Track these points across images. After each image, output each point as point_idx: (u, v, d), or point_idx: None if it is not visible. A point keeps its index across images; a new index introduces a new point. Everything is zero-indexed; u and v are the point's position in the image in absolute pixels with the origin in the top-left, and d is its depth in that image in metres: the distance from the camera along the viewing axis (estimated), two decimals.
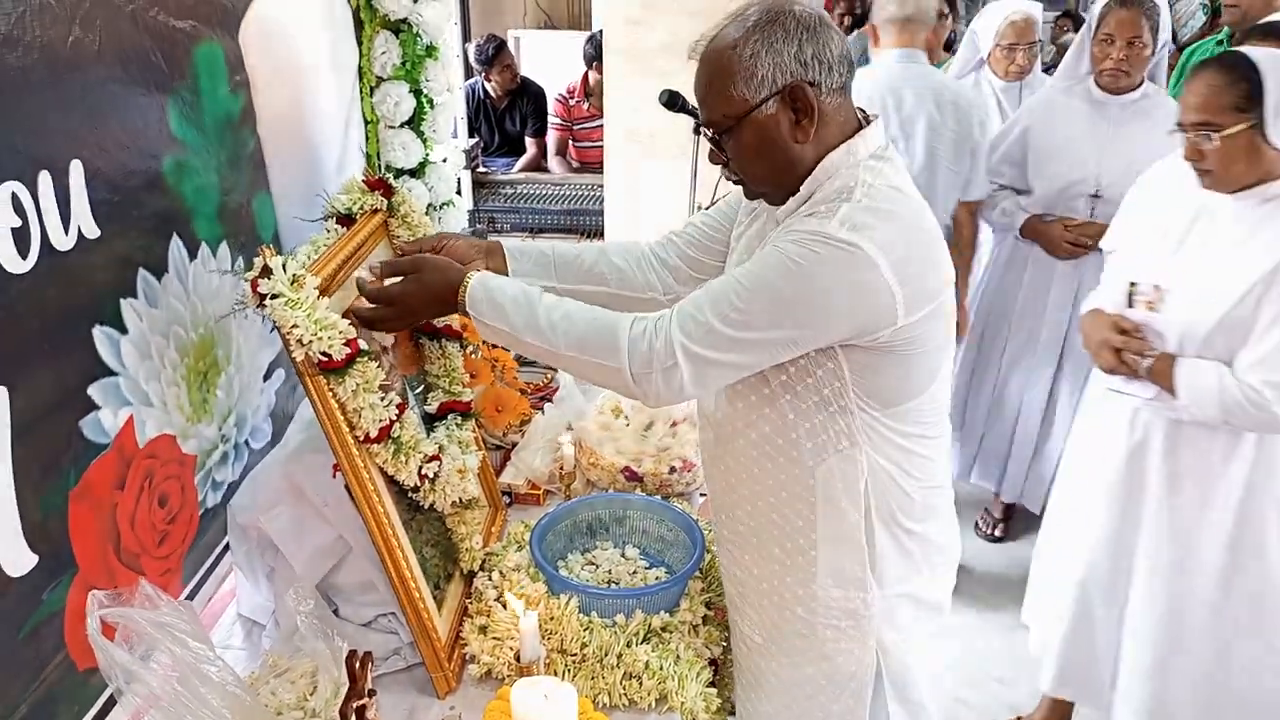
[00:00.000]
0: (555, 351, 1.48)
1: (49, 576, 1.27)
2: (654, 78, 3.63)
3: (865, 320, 1.39)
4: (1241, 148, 1.96)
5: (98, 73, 1.33)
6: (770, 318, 1.39)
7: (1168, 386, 2.08)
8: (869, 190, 1.40)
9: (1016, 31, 3.46)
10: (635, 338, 1.43)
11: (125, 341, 1.41)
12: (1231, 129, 1.95)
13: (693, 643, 1.72)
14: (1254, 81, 1.93)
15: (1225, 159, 1.99)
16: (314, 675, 1.55)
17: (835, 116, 1.46)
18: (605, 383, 1.51)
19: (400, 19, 2.40)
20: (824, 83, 1.42)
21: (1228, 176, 2.01)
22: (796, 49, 1.41)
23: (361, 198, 1.81)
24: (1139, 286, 2.15)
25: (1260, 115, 1.93)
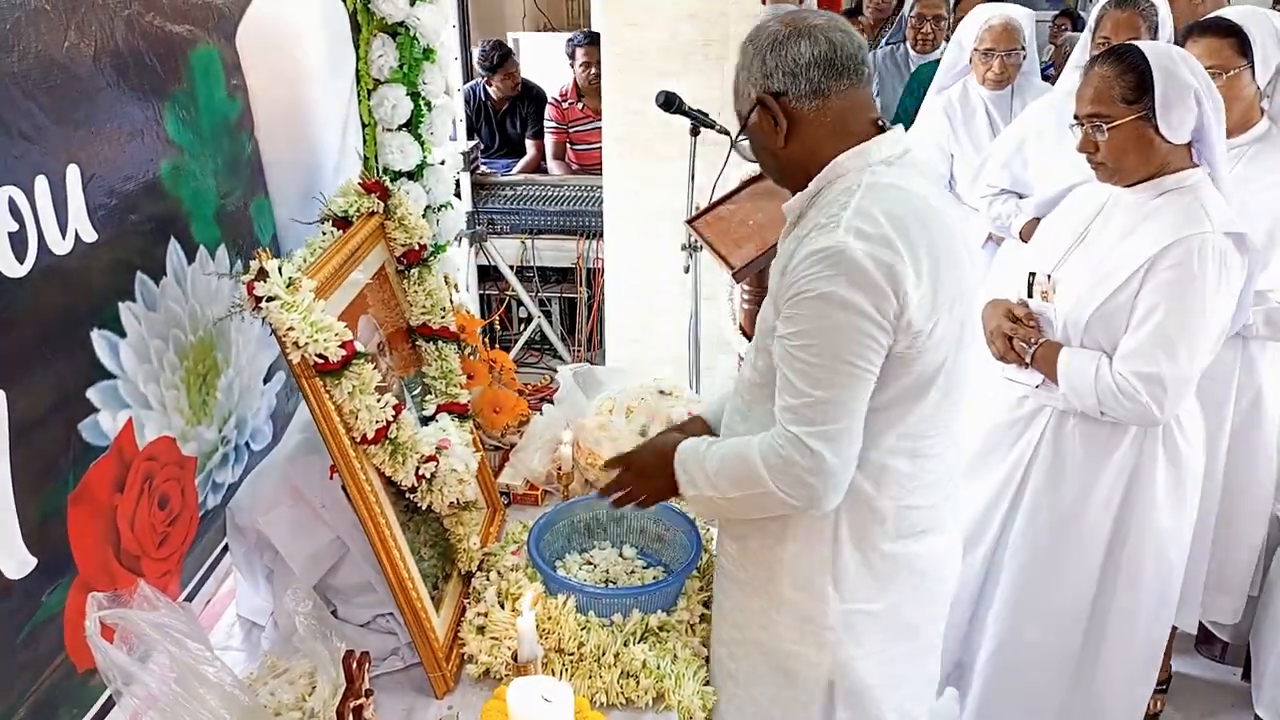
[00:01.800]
0: (731, 501, 1.56)
1: (48, 579, 1.27)
2: (652, 79, 3.65)
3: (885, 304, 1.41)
4: (1131, 139, 1.96)
5: (94, 78, 1.33)
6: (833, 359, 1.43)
7: (1050, 374, 2.09)
8: (868, 190, 1.45)
9: (993, 37, 3.32)
10: (765, 454, 1.48)
11: (124, 345, 1.41)
12: (1120, 120, 1.95)
13: (690, 642, 1.72)
14: (1142, 72, 1.92)
15: (1116, 151, 1.98)
16: (312, 676, 1.56)
17: (820, 119, 1.50)
18: (778, 509, 1.52)
19: (397, 22, 2.40)
20: (791, 90, 1.49)
21: (1120, 168, 2.01)
22: (761, 64, 1.50)
23: (358, 200, 1.83)
24: (1037, 276, 2.17)
25: (1150, 106, 1.92)
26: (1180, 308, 1.91)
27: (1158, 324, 1.93)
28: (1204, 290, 1.90)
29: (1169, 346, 1.92)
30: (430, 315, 1.94)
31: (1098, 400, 2.00)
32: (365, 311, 1.76)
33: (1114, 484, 2.14)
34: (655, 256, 3.97)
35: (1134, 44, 1.99)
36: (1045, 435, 2.20)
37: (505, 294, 4.74)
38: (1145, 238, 1.96)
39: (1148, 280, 1.94)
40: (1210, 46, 2.34)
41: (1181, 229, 1.91)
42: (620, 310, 4.13)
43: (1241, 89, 2.36)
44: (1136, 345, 1.95)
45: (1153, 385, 1.93)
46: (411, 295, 1.93)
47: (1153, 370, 1.93)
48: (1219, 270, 1.90)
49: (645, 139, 3.80)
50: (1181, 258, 1.90)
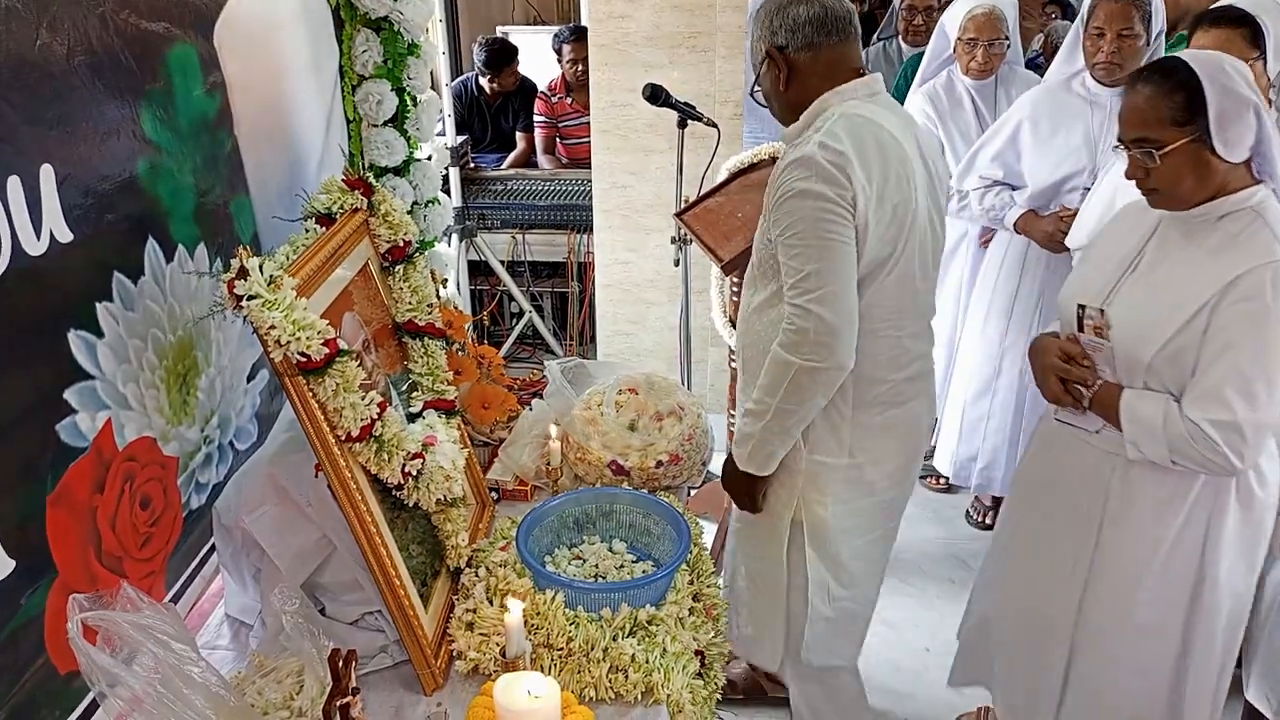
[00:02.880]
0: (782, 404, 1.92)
1: (27, 581, 1.27)
2: (639, 71, 3.65)
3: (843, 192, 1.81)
4: (1186, 163, 1.77)
5: (67, 77, 1.33)
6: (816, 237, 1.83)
7: (1113, 420, 1.88)
8: (839, 119, 1.85)
9: (976, 26, 3.30)
10: (782, 340, 1.89)
11: (101, 345, 1.41)
12: (1172, 144, 1.75)
13: (679, 635, 1.72)
14: (1193, 90, 1.73)
15: (1170, 177, 1.79)
16: (300, 674, 1.56)
17: (813, 68, 1.92)
18: (814, 389, 1.90)
19: (381, 17, 2.40)
20: (790, 44, 1.91)
21: (1176, 195, 1.82)
22: (769, 23, 1.94)
23: (341, 197, 1.81)
24: (1088, 310, 1.94)
25: (1204, 126, 1.73)
26: (1255, 345, 1.73)
27: (1231, 364, 1.74)
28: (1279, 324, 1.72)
29: (1246, 389, 1.73)
30: (416, 311, 1.93)
31: (1169, 449, 1.80)
32: (350, 309, 1.75)
33: (1190, 536, 1.92)
34: (645, 250, 3.98)
35: (1179, 57, 1.78)
36: (1113, 487, 1.97)
37: (496, 289, 4.73)
38: (1209, 268, 1.77)
39: (1216, 316, 1.75)
40: (1222, 37, 2.26)
41: (1251, 258, 1.73)
42: (611, 304, 4.13)
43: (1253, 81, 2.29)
44: (1209, 389, 1.76)
45: (1230, 433, 1.74)
46: (397, 292, 1.92)
47: (1229, 418, 1.73)
48: None
49: (633, 132, 3.80)
50: (1253, 289, 1.72)
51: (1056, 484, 2.08)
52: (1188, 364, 1.78)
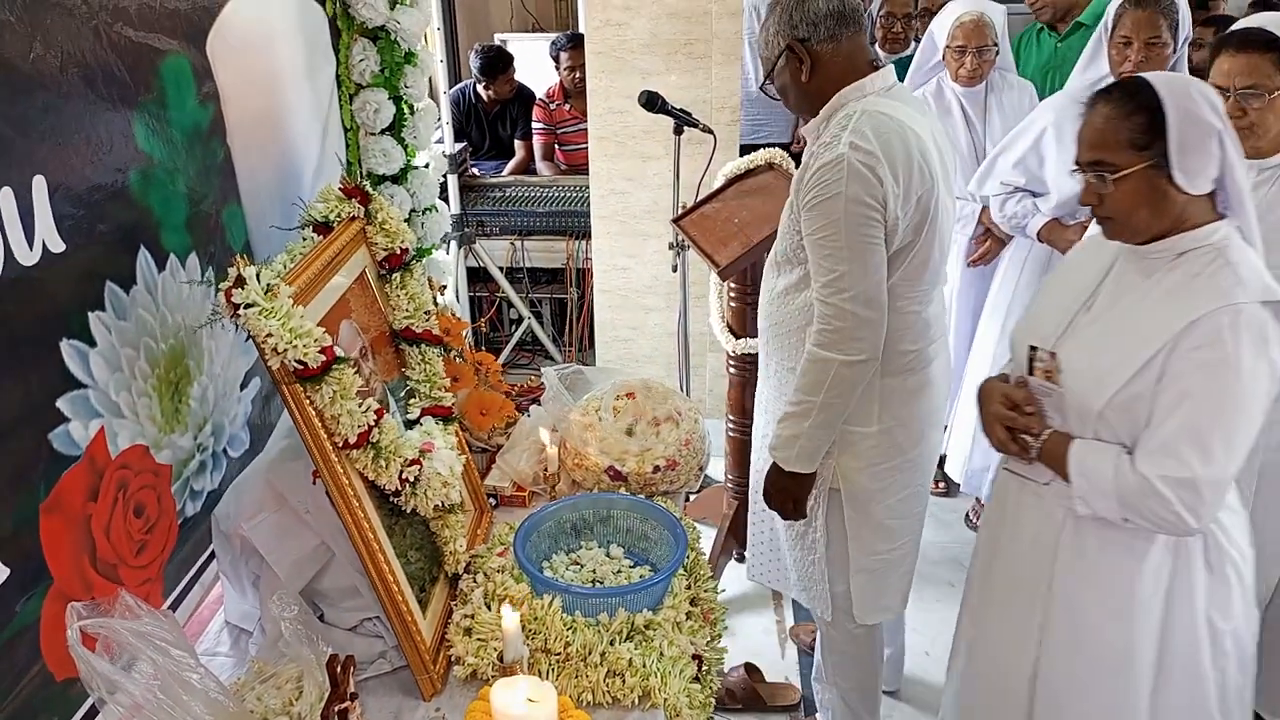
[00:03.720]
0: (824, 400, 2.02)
1: (21, 589, 1.28)
2: (635, 78, 3.66)
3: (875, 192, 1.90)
4: (1141, 191, 1.63)
5: (61, 88, 1.34)
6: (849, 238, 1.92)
7: (1060, 471, 1.73)
8: (862, 116, 1.93)
9: (965, 33, 3.26)
10: (817, 340, 2.00)
11: (94, 354, 1.42)
12: (1128, 169, 1.61)
13: (676, 639, 1.72)
14: (1154, 112, 1.59)
15: (1124, 205, 1.65)
16: (299, 680, 1.56)
17: (834, 59, 2.00)
18: (854, 382, 2.01)
19: (378, 26, 2.41)
20: (812, 36, 1.99)
21: (1130, 224, 1.68)
22: (789, 17, 2.00)
23: (339, 205, 1.82)
24: (1039, 352, 1.80)
25: (1163, 152, 1.59)
26: (1212, 396, 1.58)
27: (1187, 417, 1.59)
28: (1239, 374, 1.56)
29: (1201, 444, 1.58)
30: (413, 319, 1.93)
31: (1120, 505, 1.65)
32: (348, 316, 1.76)
33: (1150, 598, 1.75)
34: (643, 256, 3.98)
35: (1144, 77, 1.64)
36: (1063, 542, 1.81)
37: (495, 295, 4.74)
38: (1165, 310, 1.63)
39: (1171, 363, 1.60)
40: (1249, 63, 2.08)
41: (1209, 300, 1.58)
42: (609, 310, 4.13)
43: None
44: (1163, 442, 1.61)
45: (1185, 491, 1.59)
46: (394, 299, 1.93)
47: (1184, 474, 1.58)
48: (1255, 349, 1.56)
49: (630, 138, 3.81)
50: (1210, 336, 1.57)
51: (1009, 537, 1.93)
52: (1141, 414, 1.64)
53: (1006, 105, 3.38)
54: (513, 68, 5.08)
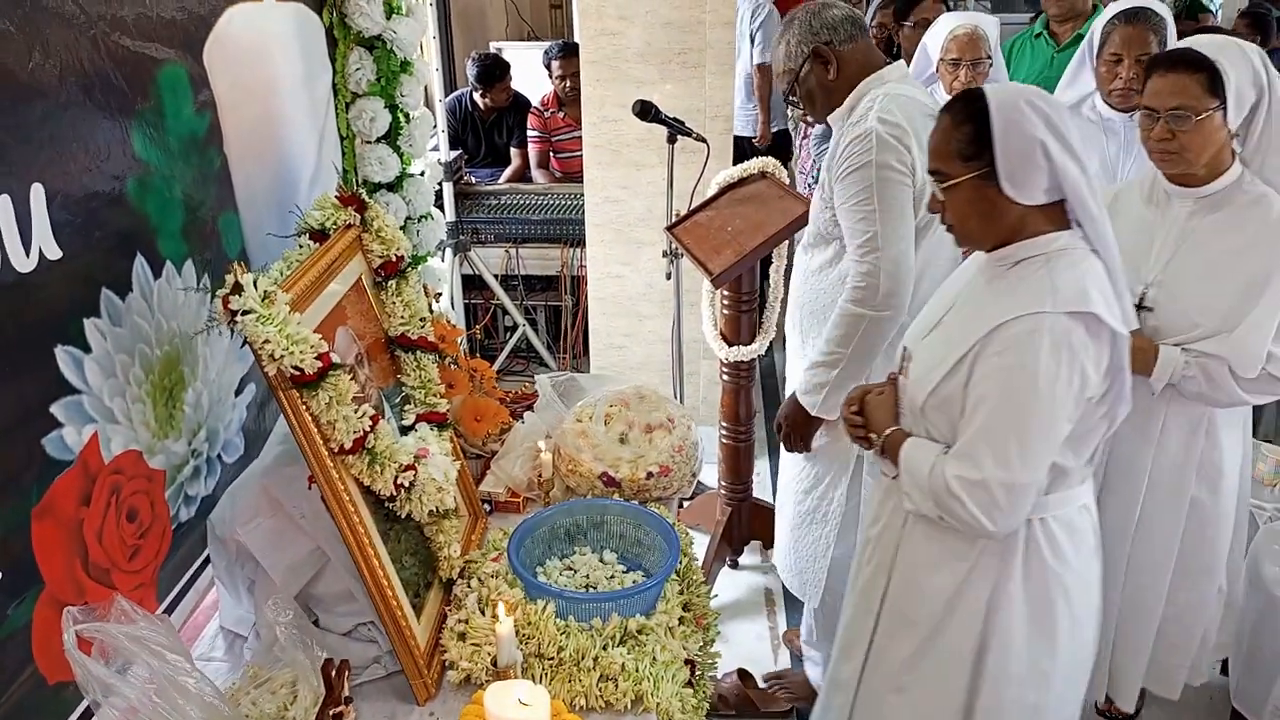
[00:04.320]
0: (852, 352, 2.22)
1: (12, 593, 1.29)
2: (630, 87, 3.68)
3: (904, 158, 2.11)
4: (971, 200, 1.64)
5: (59, 97, 1.35)
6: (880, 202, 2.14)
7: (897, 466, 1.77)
8: (885, 98, 2.17)
9: (959, 46, 3.25)
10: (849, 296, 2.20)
11: (89, 360, 1.43)
12: (958, 179, 1.63)
13: (669, 644, 1.73)
14: (981, 123, 1.59)
15: (957, 213, 1.68)
16: (294, 685, 1.57)
17: (854, 57, 2.27)
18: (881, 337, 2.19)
19: (374, 35, 2.43)
20: (835, 39, 2.26)
21: (966, 232, 1.70)
22: (809, 27, 2.27)
23: (335, 213, 1.83)
24: (906, 350, 1.85)
25: (990, 163, 1.59)
26: (1009, 402, 1.60)
27: (985, 420, 1.62)
28: (1035, 382, 1.57)
29: (996, 448, 1.60)
30: (408, 326, 1.94)
31: (934, 503, 1.68)
32: (344, 323, 1.77)
33: (971, 599, 1.76)
34: (637, 263, 4.00)
35: (979, 89, 1.64)
36: (902, 537, 1.86)
37: (490, 303, 4.75)
38: (981, 315, 1.65)
39: (977, 366, 1.63)
40: (1177, 84, 2.00)
41: (1017, 307, 1.60)
42: (604, 317, 4.14)
43: (1212, 133, 2.00)
44: (964, 444, 1.64)
45: (978, 493, 1.61)
46: (389, 306, 1.94)
47: (977, 476, 1.60)
48: (1056, 358, 1.56)
49: (624, 147, 3.82)
50: (1011, 342, 1.59)
51: (871, 525, 1.99)
52: (955, 414, 1.67)
53: None
54: (509, 76, 5.09)
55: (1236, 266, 2.03)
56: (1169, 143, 2.03)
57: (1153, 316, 2.12)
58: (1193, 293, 2.08)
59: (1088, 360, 1.59)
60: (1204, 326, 2.06)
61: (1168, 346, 2.09)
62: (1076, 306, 1.57)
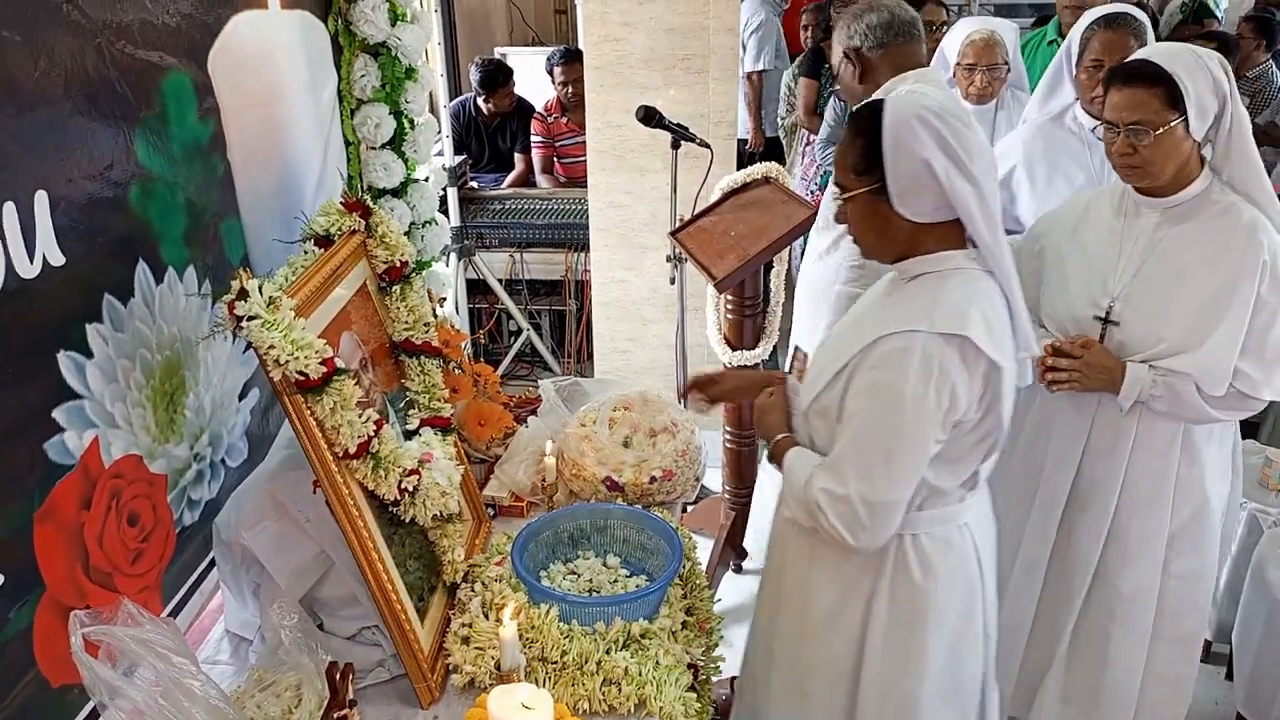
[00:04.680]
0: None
1: (14, 596, 1.30)
2: (633, 92, 3.69)
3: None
4: (865, 215, 1.64)
5: (64, 105, 1.36)
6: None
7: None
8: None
9: (975, 51, 3.22)
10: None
11: (90, 365, 1.44)
12: (853, 192, 1.63)
13: (672, 649, 1.73)
14: (873, 139, 1.56)
15: (855, 226, 1.67)
16: (299, 688, 1.58)
17: (881, 63, 2.43)
18: None
19: (379, 42, 2.44)
20: (864, 44, 2.44)
21: (865, 246, 1.70)
22: (847, 29, 2.47)
23: (339, 219, 1.85)
24: (798, 352, 1.88)
25: (881, 178, 1.57)
26: (876, 418, 1.59)
27: (852, 434, 1.61)
28: (903, 400, 1.55)
29: (863, 464, 1.59)
30: (413, 330, 1.95)
31: (806, 513, 1.67)
32: (349, 328, 1.78)
33: (849, 612, 1.76)
34: (641, 268, 4.00)
35: (876, 102, 1.60)
36: (789, 541, 1.85)
37: (494, 307, 4.76)
38: (869, 328, 1.63)
39: (853, 379, 1.62)
40: (1135, 98, 1.93)
41: (895, 323, 1.58)
42: (607, 322, 4.15)
43: (1174, 146, 1.93)
44: (833, 457, 1.63)
45: (841, 506, 1.60)
46: (394, 311, 1.95)
47: (841, 491, 1.59)
48: (925, 377, 1.54)
49: (628, 152, 3.83)
50: (883, 358, 1.57)
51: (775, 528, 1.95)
52: (834, 424, 1.66)
53: (1016, 123, 3.22)
54: (512, 81, 5.11)
55: (1202, 278, 1.95)
56: (1131, 157, 1.96)
57: (1119, 331, 2.04)
58: (1158, 305, 2.00)
59: (959, 382, 1.55)
60: (1169, 340, 1.98)
61: (1135, 365, 2.01)
62: (951, 329, 1.54)
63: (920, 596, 1.70)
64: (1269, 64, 5.41)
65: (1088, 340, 2.06)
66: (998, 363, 1.56)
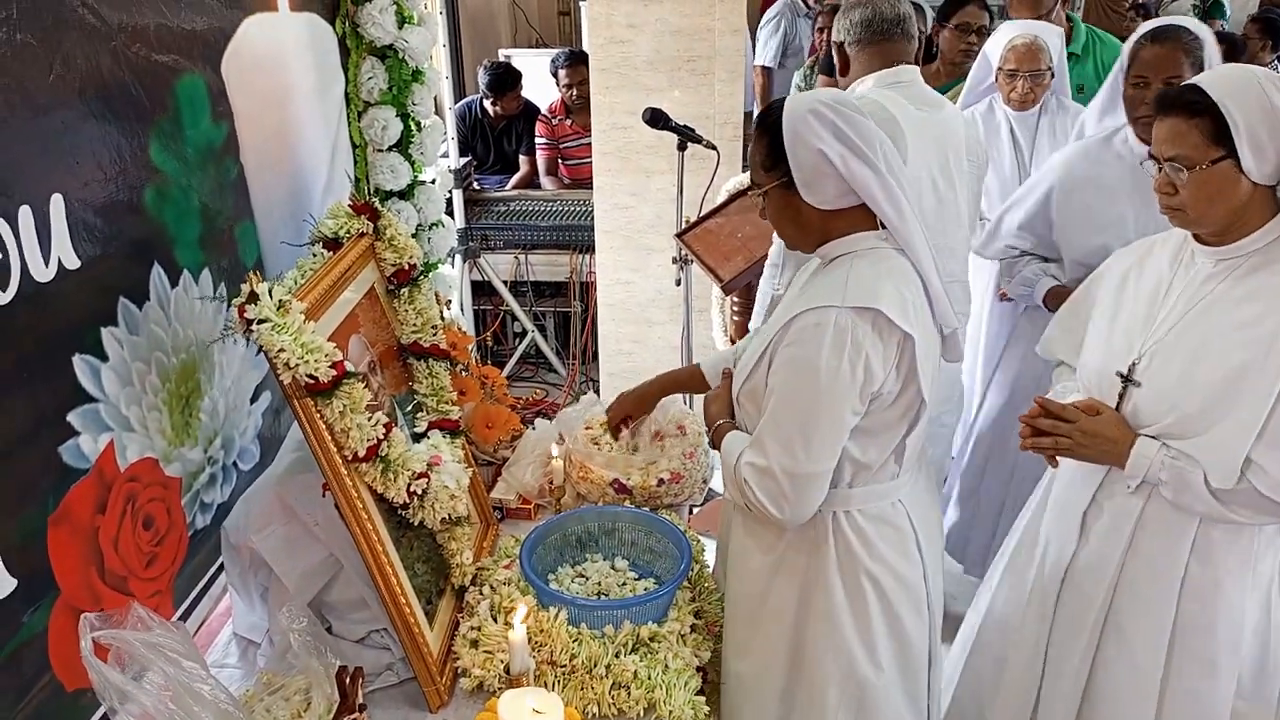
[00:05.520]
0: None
1: (29, 600, 1.30)
2: (639, 94, 3.69)
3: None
4: (779, 208, 1.72)
5: (79, 108, 1.36)
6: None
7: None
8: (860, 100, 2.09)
9: (1017, 57, 3.16)
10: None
11: (106, 368, 1.44)
12: (766, 187, 1.71)
13: (681, 652, 1.74)
14: (775, 137, 1.65)
15: (774, 220, 1.76)
16: (308, 692, 1.57)
17: (859, 59, 2.48)
18: None
19: (386, 45, 2.44)
20: (848, 39, 2.48)
21: (785, 237, 1.80)
22: (837, 25, 2.50)
23: (348, 222, 1.84)
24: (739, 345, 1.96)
25: (787, 171, 1.65)
26: (793, 392, 1.63)
27: (774, 409, 1.65)
28: (817, 374, 1.59)
29: (780, 436, 1.64)
30: (421, 333, 1.96)
31: (738, 490, 1.71)
32: (357, 331, 1.78)
33: (785, 593, 1.78)
34: (647, 270, 4.01)
35: (776, 102, 1.68)
36: (734, 522, 1.89)
37: (500, 309, 4.76)
38: (790, 308, 1.68)
39: (775, 357, 1.67)
40: (1174, 130, 1.69)
41: (808, 302, 1.64)
42: (613, 323, 4.15)
43: (1221, 187, 1.66)
44: (758, 432, 1.68)
45: (764, 479, 1.64)
46: (402, 314, 1.95)
47: (762, 463, 1.65)
48: (839, 350, 1.58)
49: (634, 154, 3.83)
50: (798, 335, 1.62)
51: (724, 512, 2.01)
52: (760, 406, 1.70)
53: (1059, 130, 3.25)
54: (520, 85, 5.11)
55: (1234, 345, 1.66)
56: (1172, 197, 1.71)
57: (1139, 393, 1.77)
58: (1181, 370, 1.71)
59: (873, 355, 1.60)
60: (1181, 413, 1.70)
61: (1146, 439, 1.74)
62: (863, 302, 1.60)
63: (861, 571, 1.74)
64: (1275, 65, 5.41)
65: (1094, 404, 1.82)
66: (910, 334, 1.62)
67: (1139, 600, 1.84)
